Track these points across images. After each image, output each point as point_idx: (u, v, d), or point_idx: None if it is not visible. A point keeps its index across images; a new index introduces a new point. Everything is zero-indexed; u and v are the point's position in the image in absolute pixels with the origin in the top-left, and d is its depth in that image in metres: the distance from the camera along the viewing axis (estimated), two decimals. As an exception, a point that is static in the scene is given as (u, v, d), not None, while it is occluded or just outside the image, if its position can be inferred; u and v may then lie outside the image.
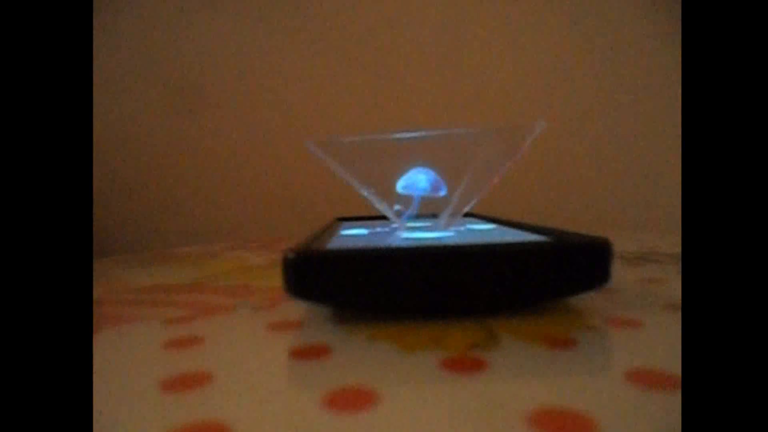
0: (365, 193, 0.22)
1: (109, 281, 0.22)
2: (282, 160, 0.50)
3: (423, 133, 0.20)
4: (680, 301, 0.15)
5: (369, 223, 0.26)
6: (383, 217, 0.23)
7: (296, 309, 0.15)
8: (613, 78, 0.51)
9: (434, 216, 0.23)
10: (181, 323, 0.15)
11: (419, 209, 0.24)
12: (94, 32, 0.46)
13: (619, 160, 0.52)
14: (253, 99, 0.51)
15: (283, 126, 0.51)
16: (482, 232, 0.20)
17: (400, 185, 0.24)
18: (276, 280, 0.20)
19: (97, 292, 0.19)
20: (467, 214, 0.31)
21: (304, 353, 0.12)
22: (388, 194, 0.23)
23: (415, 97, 0.51)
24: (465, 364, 0.10)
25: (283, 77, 0.51)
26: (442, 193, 0.24)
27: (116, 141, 0.50)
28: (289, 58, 0.51)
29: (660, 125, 0.51)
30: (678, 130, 0.48)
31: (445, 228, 0.23)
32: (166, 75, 0.50)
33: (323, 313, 0.15)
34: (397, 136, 0.20)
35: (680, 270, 0.20)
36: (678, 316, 0.13)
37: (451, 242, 0.14)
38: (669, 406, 0.08)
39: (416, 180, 0.24)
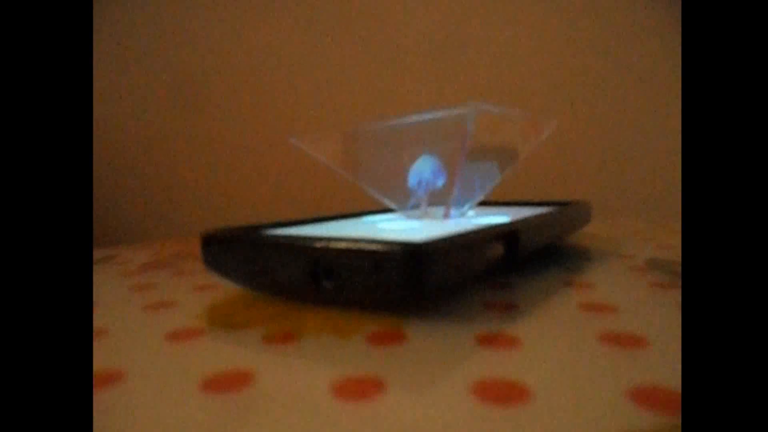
0: (363, 185, 0.23)
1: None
2: (292, 152, 0.50)
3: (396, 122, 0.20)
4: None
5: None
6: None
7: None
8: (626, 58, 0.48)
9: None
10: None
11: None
12: (96, 20, 0.49)
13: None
14: (256, 91, 0.51)
15: (291, 117, 0.51)
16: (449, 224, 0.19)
17: (411, 176, 0.24)
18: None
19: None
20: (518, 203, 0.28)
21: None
22: (393, 185, 0.24)
23: (420, 85, 0.50)
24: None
25: (289, 68, 0.51)
26: (440, 182, 0.23)
27: (117, 131, 0.53)
28: (295, 48, 0.51)
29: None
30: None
31: (444, 218, 0.22)
32: (169, 66, 0.52)
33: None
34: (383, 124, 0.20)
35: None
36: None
37: (324, 235, 0.16)
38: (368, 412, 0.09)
39: (422, 170, 0.24)
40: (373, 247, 0.13)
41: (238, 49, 0.52)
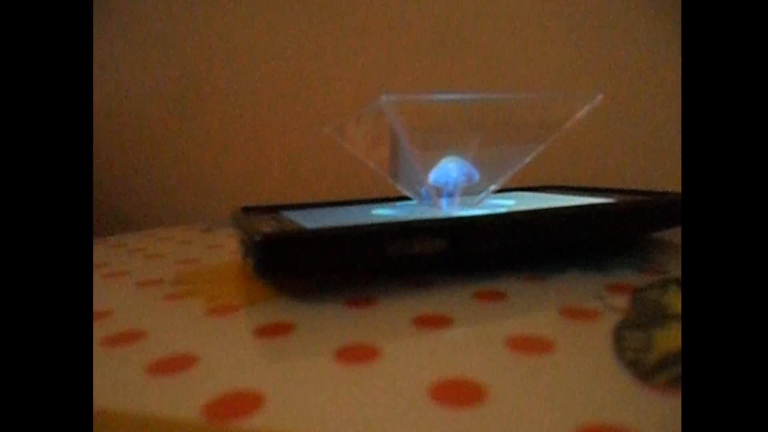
0: (389, 179, 0.24)
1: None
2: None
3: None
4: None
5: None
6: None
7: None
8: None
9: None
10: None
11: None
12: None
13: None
14: (270, 78, 0.49)
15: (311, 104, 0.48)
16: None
17: (433, 177, 0.24)
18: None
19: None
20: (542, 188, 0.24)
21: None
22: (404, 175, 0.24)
23: (426, 67, 0.45)
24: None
25: (293, 58, 0.48)
26: (475, 178, 0.23)
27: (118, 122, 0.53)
28: (308, 36, 0.47)
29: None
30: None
31: (450, 206, 0.23)
32: (174, 57, 0.51)
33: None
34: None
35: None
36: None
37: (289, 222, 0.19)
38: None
39: (448, 170, 0.24)
40: (252, 232, 0.16)
41: (240, 40, 0.51)
